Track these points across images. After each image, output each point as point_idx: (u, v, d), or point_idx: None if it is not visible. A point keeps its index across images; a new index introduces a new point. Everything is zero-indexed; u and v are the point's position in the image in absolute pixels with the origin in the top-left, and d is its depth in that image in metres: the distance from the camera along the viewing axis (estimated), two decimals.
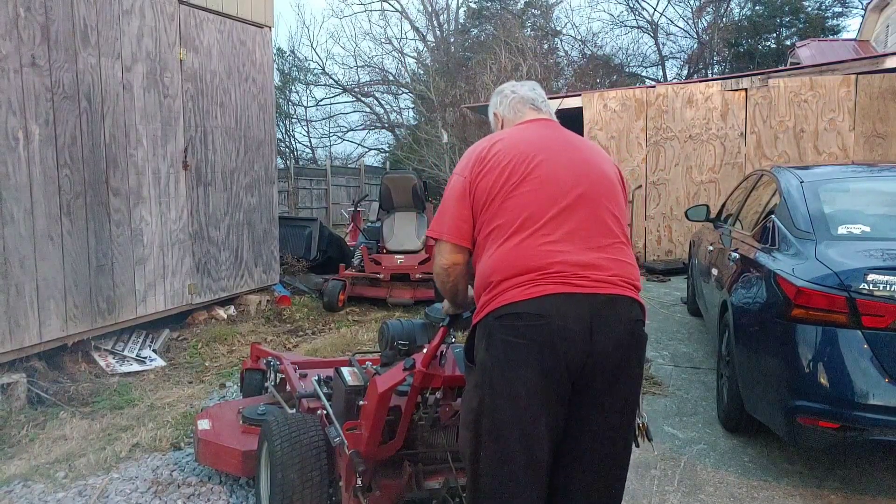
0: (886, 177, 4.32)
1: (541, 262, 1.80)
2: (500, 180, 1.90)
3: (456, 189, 1.99)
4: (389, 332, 2.60)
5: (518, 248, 1.83)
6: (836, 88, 9.35)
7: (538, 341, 1.75)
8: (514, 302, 1.78)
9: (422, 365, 2.15)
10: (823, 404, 2.91)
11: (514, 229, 1.85)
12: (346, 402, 2.59)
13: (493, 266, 1.85)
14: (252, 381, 3.87)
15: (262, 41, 7.14)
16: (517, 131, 2.09)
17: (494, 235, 1.88)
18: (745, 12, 25.77)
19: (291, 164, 22.36)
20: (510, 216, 1.87)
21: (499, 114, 2.25)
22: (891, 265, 2.92)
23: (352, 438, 2.42)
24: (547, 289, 1.77)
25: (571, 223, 1.86)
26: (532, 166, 1.91)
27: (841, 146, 9.40)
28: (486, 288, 1.86)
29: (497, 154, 1.95)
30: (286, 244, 8.30)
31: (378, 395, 2.22)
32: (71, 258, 4.83)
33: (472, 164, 1.98)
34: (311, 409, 2.95)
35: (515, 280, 1.80)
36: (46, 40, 4.64)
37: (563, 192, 1.89)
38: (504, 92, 2.25)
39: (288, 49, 28.86)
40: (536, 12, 27.08)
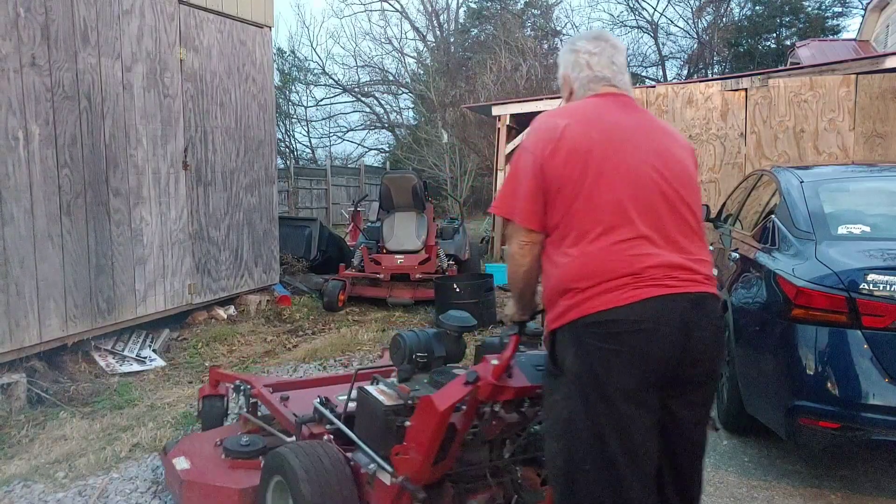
0: (886, 177, 4.32)
1: (633, 266, 1.71)
2: (577, 168, 1.76)
3: (526, 167, 1.81)
4: (407, 345, 2.44)
5: (606, 250, 1.73)
6: (836, 88, 9.35)
7: (636, 347, 1.69)
8: (610, 308, 1.69)
9: (493, 377, 1.94)
10: (823, 404, 2.91)
11: (600, 230, 1.73)
12: (383, 424, 2.29)
13: (578, 269, 1.74)
14: (212, 408, 3.49)
15: (262, 41, 7.14)
16: (591, 109, 1.90)
17: (575, 234, 1.76)
18: (745, 12, 25.78)
19: (291, 164, 22.35)
20: (593, 213, 1.75)
21: (569, 79, 2.01)
22: (891, 265, 2.92)
23: (398, 464, 2.17)
24: (642, 293, 1.69)
25: (656, 221, 1.77)
26: (613, 156, 1.78)
27: (841, 146, 9.40)
28: (566, 293, 1.75)
29: (572, 136, 1.78)
30: (286, 244, 8.30)
31: (439, 414, 1.99)
32: (71, 258, 4.83)
33: (542, 140, 1.81)
34: (314, 434, 2.65)
35: (606, 285, 1.70)
36: (46, 40, 4.64)
37: (646, 187, 1.78)
38: (579, 61, 1.98)
39: (288, 49, 28.87)
40: (536, 12, 27.08)
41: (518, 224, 1.84)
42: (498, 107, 12.47)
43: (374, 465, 2.28)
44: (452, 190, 18.68)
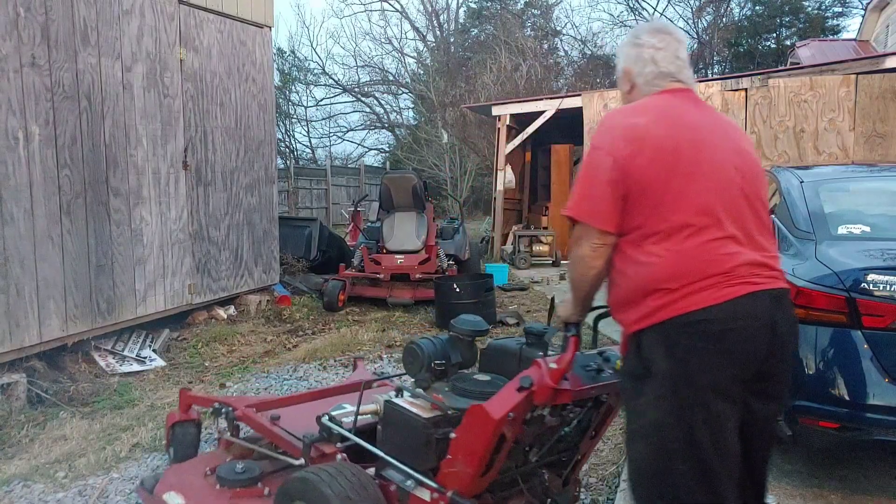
0: (886, 177, 4.32)
1: (723, 265, 1.73)
2: (664, 168, 1.75)
3: (603, 168, 1.77)
4: (425, 353, 2.37)
5: (698, 249, 1.73)
6: (836, 88, 9.35)
7: (730, 345, 1.70)
8: (704, 307, 1.69)
9: (553, 381, 1.87)
10: (823, 404, 2.91)
11: (690, 230, 1.73)
12: (423, 439, 2.16)
13: (670, 269, 1.73)
14: (186, 435, 3.22)
15: (262, 41, 7.14)
16: (667, 107, 1.87)
17: (662, 234, 1.75)
18: (745, 12, 25.78)
19: (291, 164, 22.36)
20: (683, 213, 1.74)
21: (632, 73, 1.98)
22: (891, 265, 2.92)
23: (446, 478, 2.09)
24: (733, 291, 1.71)
25: (740, 220, 1.79)
26: (692, 156, 1.77)
27: (841, 146, 9.40)
28: (654, 293, 1.74)
29: (655, 135, 1.77)
30: (286, 244, 8.30)
31: (494, 423, 1.92)
32: (71, 258, 4.83)
33: (621, 140, 1.78)
34: (325, 454, 2.48)
35: (699, 284, 1.71)
36: (46, 40, 4.64)
37: (729, 187, 1.80)
38: (643, 55, 1.95)
39: (288, 49, 28.87)
40: (536, 12, 27.08)
41: (594, 227, 1.80)
42: (498, 107, 12.47)
43: (411, 482, 2.17)
44: (452, 190, 18.68)
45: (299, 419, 2.79)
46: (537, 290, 8.62)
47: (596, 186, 1.79)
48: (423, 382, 2.36)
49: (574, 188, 1.86)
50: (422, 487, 2.15)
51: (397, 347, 5.88)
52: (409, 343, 2.46)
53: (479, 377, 2.30)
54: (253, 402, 3.06)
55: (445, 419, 2.15)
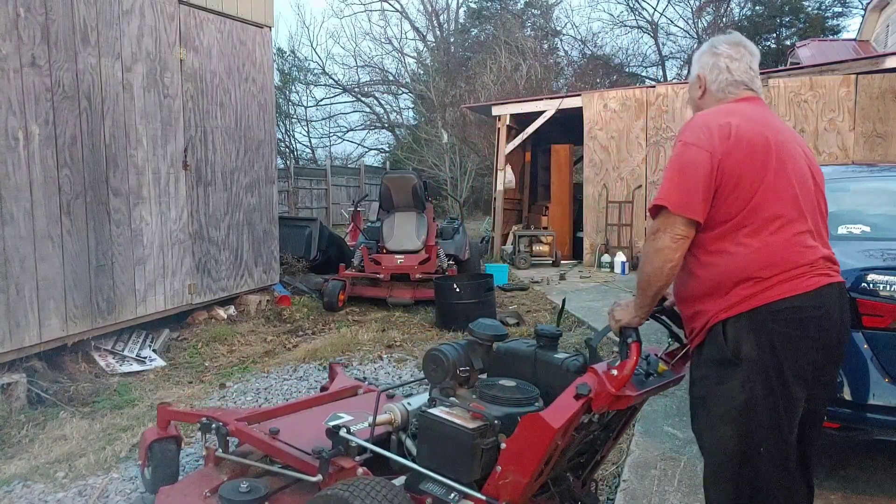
0: (886, 177, 4.32)
1: (807, 257, 1.87)
2: (757, 163, 1.87)
3: (701, 163, 1.85)
4: (450, 360, 2.31)
5: (788, 241, 1.86)
6: (836, 88, 9.35)
7: (816, 330, 1.85)
8: (794, 295, 1.83)
9: (616, 388, 1.89)
10: None
11: (781, 222, 1.86)
12: (469, 450, 2.08)
13: (763, 258, 1.84)
14: (166, 454, 3.03)
15: (262, 41, 7.14)
16: (750, 111, 2.00)
17: (755, 225, 1.86)
18: (745, 12, 25.79)
19: (291, 164, 22.37)
20: (775, 207, 1.87)
21: (706, 79, 2.12)
22: (891, 265, 2.92)
23: (499, 490, 2.04)
24: (817, 281, 1.86)
25: (814, 216, 1.96)
26: (782, 152, 1.91)
27: (841, 146, 9.40)
28: (745, 281, 1.85)
29: (747, 134, 1.89)
30: (286, 244, 8.30)
31: (554, 431, 1.91)
32: (71, 258, 4.83)
33: (717, 137, 1.87)
34: (345, 469, 2.35)
35: (789, 273, 1.84)
36: (46, 40, 4.64)
37: (807, 184, 1.96)
38: (719, 64, 2.10)
39: (288, 49, 28.91)
40: (536, 12, 27.10)
41: (684, 216, 1.85)
42: (498, 107, 12.48)
43: (455, 495, 2.10)
44: (452, 190, 18.69)
45: (299, 431, 2.69)
46: (537, 290, 8.62)
47: (690, 179, 1.86)
48: (448, 390, 2.30)
49: (666, 181, 1.92)
50: (467, 500, 2.08)
51: (397, 347, 5.88)
52: (431, 350, 2.38)
53: (505, 383, 2.25)
54: (243, 416, 2.92)
55: (489, 428, 2.09)
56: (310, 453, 2.45)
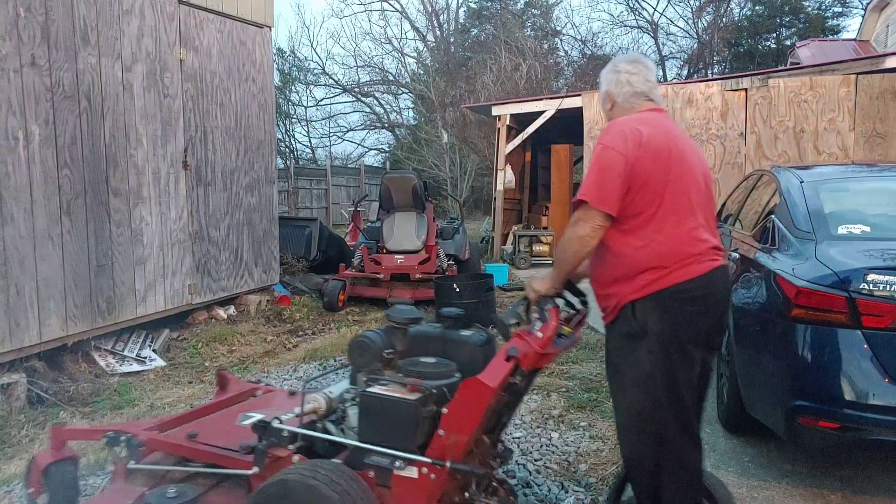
0: (886, 177, 4.32)
1: (698, 247, 2.23)
2: (661, 167, 2.19)
3: (616, 165, 2.16)
4: (376, 344, 2.51)
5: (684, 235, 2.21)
6: (836, 88, 9.35)
7: (705, 306, 2.22)
8: (688, 279, 2.18)
9: (541, 347, 2.17)
10: (823, 404, 2.91)
11: (676, 219, 2.21)
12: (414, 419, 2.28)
13: (664, 250, 2.19)
14: (65, 477, 2.86)
15: (262, 41, 7.14)
16: (655, 120, 2.32)
17: (661, 219, 2.19)
18: (745, 12, 25.79)
19: (291, 164, 22.36)
20: (674, 206, 2.20)
21: (612, 94, 2.46)
22: (891, 265, 2.92)
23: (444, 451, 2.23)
24: (706, 266, 2.22)
25: (705, 212, 2.31)
26: (679, 159, 2.24)
27: (841, 146, 9.40)
28: (649, 269, 2.18)
29: (654, 141, 2.20)
30: (286, 244, 8.30)
31: (491, 391, 2.15)
32: (71, 258, 4.83)
33: (630, 142, 2.18)
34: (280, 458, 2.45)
35: (684, 261, 2.19)
36: (46, 40, 4.64)
37: (698, 185, 2.30)
38: (620, 79, 2.44)
39: (288, 49, 28.91)
40: (536, 12, 27.10)
41: (602, 210, 2.16)
42: (498, 107, 12.47)
43: (400, 463, 2.27)
44: (452, 190, 18.69)
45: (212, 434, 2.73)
46: None
47: (608, 178, 2.17)
48: (377, 372, 2.48)
49: (587, 179, 2.22)
50: (411, 466, 2.26)
51: None
52: (357, 337, 2.56)
53: (425, 360, 2.47)
54: (149, 425, 2.88)
55: (429, 398, 2.30)
56: (237, 450, 2.52)
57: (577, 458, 3.58)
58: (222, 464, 2.58)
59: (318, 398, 2.57)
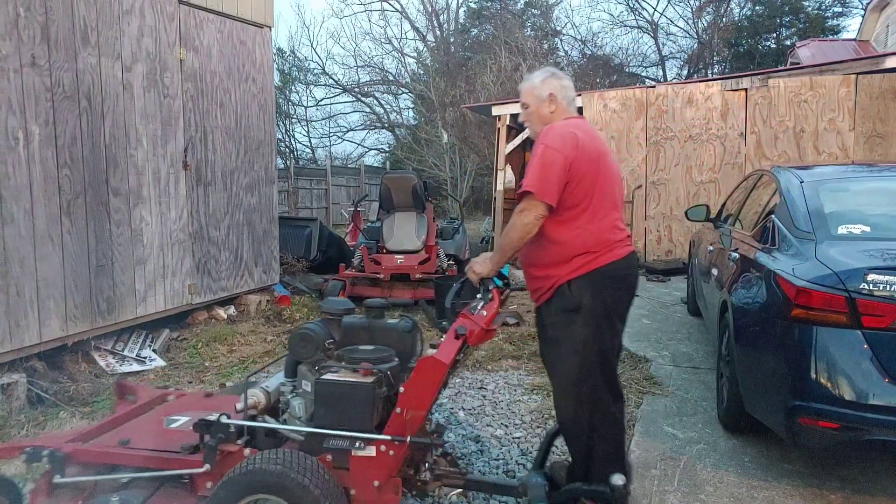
0: (886, 177, 4.32)
1: (618, 235, 2.63)
2: (592, 168, 2.55)
3: (558, 163, 2.50)
4: (319, 335, 2.64)
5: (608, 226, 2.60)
6: (836, 88, 9.35)
7: (626, 284, 2.64)
8: (612, 262, 2.56)
9: (486, 324, 2.46)
10: (823, 404, 2.91)
11: (604, 212, 2.58)
12: (371, 401, 2.45)
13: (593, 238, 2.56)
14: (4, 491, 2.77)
15: (262, 41, 7.14)
16: (584, 126, 2.68)
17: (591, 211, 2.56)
18: (745, 12, 25.78)
19: (291, 164, 22.37)
20: (601, 201, 2.58)
21: (558, 98, 2.76)
22: (891, 265, 2.92)
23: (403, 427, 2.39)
24: (624, 251, 2.62)
25: (620, 206, 2.71)
26: (605, 162, 2.61)
27: (841, 146, 9.40)
28: (583, 254, 2.55)
29: (586, 144, 2.56)
30: (286, 244, 8.30)
31: (445, 367, 2.37)
32: (71, 258, 4.83)
33: (569, 145, 2.52)
34: (231, 453, 2.52)
35: (608, 247, 2.58)
36: (46, 40, 4.64)
37: (618, 184, 2.70)
38: (564, 85, 2.78)
39: (288, 49, 28.92)
40: (536, 12, 27.10)
41: (544, 202, 2.49)
42: (498, 107, 12.47)
43: (360, 443, 2.42)
44: (452, 190, 18.69)
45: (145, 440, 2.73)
46: None
47: (550, 174, 2.49)
48: (321, 362, 2.61)
49: (531, 173, 2.52)
50: (370, 445, 2.42)
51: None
52: (298, 330, 2.66)
53: (364, 347, 2.67)
54: (70, 437, 2.79)
55: (383, 380, 2.49)
56: (178, 451, 2.58)
57: None
58: (165, 466, 2.57)
59: (258, 393, 2.66)
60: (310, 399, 2.59)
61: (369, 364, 2.51)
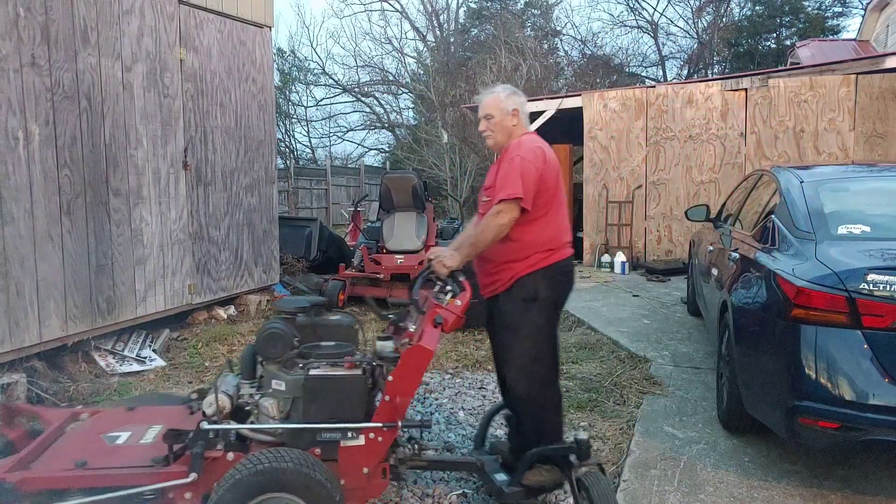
0: (886, 177, 4.32)
1: (567, 237, 3.00)
2: (554, 178, 2.92)
3: (532, 174, 2.81)
4: (287, 335, 2.73)
5: (562, 228, 2.98)
6: (836, 88, 9.35)
7: (570, 278, 3.03)
8: (563, 259, 2.95)
9: (461, 313, 2.68)
10: (823, 404, 2.91)
11: (560, 216, 2.98)
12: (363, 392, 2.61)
13: (551, 237, 2.91)
14: None
15: (262, 41, 7.14)
16: (544, 143, 2.99)
17: (550, 217, 2.91)
18: (745, 12, 25.79)
19: (291, 164, 22.37)
20: (558, 208, 2.96)
21: (520, 112, 3.05)
22: (891, 265, 2.92)
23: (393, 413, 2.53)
24: (569, 251, 3.00)
25: (567, 213, 3.06)
26: (559, 174, 2.97)
27: (841, 146, 9.40)
28: (542, 251, 2.88)
29: (551, 158, 2.93)
30: (286, 244, 8.30)
31: (432, 354, 2.53)
32: (71, 258, 4.83)
33: (539, 158, 2.86)
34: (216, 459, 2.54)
35: (559, 247, 2.93)
36: (46, 40, 4.64)
37: (565, 196, 3.05)
38: (523, 101, 3.08)
39: (288, 49, 28.93)
40: (536, 12, 27.10)
41: (519, 206, 2.78)
42: None
43: (352, 434, 2.53)
44: (452, 190, 18.69)
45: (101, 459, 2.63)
46: None
47: (528, 183, 2.79)
48: (291, 360, 2.71)
49: (510, 182, 2.78)
50: (361, 435, 2.55)
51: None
52: (266, 330, 2.72)
53: (324, 344, 2.80)
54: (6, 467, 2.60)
55: (370, 371, 2.67)
56: (151, 465, 2.56)
57: None
58: (145, 482, 2.49)
59: (223, 399, 2.68)
60: (283, 397, 2.65)
61: (350, 358, 2.68)
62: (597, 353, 5.55)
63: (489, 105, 3.00)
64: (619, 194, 10.71)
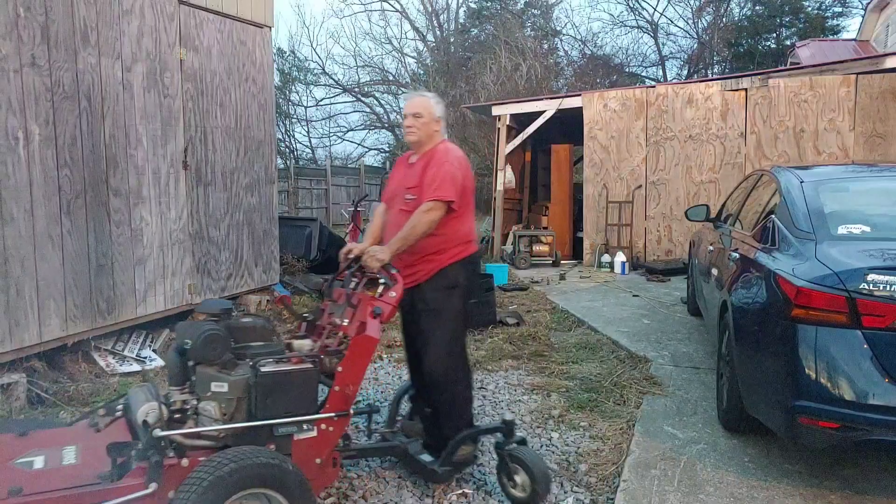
0: (886, 177, 4.32)
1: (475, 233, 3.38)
2: (471, 184, 3.33)
3: (460, 179, 3.22)
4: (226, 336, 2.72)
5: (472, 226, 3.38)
6: (836, 88, 9.35)
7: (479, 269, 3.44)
8: (475, 252, 3.36)
9: (396, 303, 2.93)
10: (823, 404, 2.91)
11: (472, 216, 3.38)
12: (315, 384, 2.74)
13: (468, 233, 3.32)
14: None
15: (262, 41, 7.14)
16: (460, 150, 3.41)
17: (466, 215, 3.31)
18: (745, 12, 25.79)
19: (291, 164, 22.37)
20: (471, 208, 3.35)
21: (440, 122, 3.46)
22: (891, 265, 2.92)
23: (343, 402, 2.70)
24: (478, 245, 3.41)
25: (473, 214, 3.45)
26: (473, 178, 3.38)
27: (841, 146, 9.40)
28: (462, 244, 3.27)
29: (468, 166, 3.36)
30: (286, 244, 8.29)
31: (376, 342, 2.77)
32: (71, 258, 4.83)
33: (465, 166, 3.32)
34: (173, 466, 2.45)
35: (472, 240, 3.35)
36: (46, 40, 4.64)
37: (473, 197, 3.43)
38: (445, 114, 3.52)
39: (288, 49, 28.89)
40: (536, 12, 27.08)
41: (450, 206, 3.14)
42: (498, 107, 12.48)
43: (307, 425, 2.65)
44: None
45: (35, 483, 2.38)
46: (537, 290, 8.61)
47: (455, 185, 3.17)
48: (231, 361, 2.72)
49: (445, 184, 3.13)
50: (314, 426, 2.66)
51: (397, 347, 5.88)
52: (206, 333, 2.64)
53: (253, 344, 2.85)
54: None
55: (319, 363, 2.78)
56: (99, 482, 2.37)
57: (577, 458, 3.59)
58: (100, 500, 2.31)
59: (158, 407, 2.55)
60: (225, 399, 2.61)
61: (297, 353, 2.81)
62: (597, 353, 5.55)
63: (420, 105, 3.36)
64: (619, 194, 10.71)
